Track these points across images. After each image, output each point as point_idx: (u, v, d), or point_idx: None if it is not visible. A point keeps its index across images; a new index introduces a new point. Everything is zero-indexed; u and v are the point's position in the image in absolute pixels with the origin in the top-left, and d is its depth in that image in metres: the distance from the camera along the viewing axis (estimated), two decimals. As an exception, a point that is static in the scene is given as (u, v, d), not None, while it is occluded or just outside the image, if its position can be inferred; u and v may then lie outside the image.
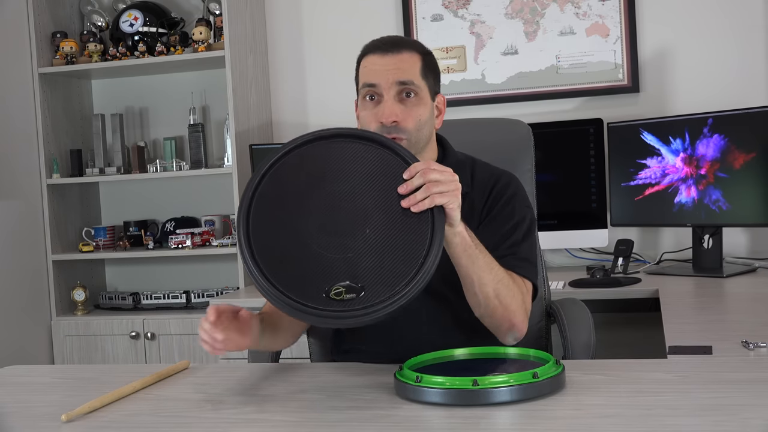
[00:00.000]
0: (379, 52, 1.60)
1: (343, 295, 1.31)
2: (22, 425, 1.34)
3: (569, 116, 3.12)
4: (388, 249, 1.33)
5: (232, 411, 1.35)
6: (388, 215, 1.35)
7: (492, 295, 1.47)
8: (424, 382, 1.28)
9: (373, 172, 1.38)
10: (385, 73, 1.57)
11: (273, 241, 1.36)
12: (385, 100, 1.57)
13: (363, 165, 1.39)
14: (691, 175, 2.75)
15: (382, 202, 1.36)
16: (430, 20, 3.28)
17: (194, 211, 3.53)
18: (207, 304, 3.20)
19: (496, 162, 1.75)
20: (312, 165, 1.40)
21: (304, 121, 3.44)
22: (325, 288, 1.31)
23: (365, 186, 1.37)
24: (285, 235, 1.36)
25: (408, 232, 1.34)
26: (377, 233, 1.34)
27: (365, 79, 1.59)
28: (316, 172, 1.39)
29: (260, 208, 1.38)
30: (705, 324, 1.99)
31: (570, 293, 2.56)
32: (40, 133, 3.34)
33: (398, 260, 1.32)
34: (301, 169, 1.40)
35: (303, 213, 1.37)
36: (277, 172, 1.41)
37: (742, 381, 1.33)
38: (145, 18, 3.31)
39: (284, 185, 1.39)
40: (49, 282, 3.36)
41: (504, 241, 1.59)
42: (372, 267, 1.32)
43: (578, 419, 1.20)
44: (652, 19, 3.10)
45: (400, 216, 1.35)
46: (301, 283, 1.32)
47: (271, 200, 1.39)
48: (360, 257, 1.33)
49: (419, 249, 1.33)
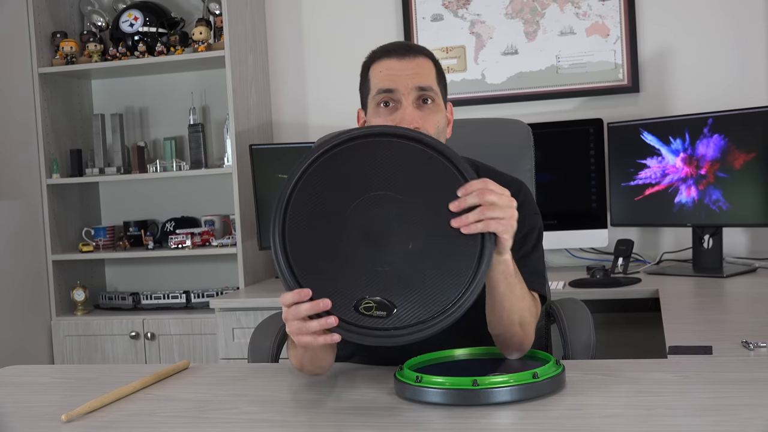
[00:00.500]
0: (395, 56, 1.53)
1: (373, 311, 1.25)
2: (22, 425, 1.34)
3: (569, 116, 3.12)
4: (429, 270, 1.26)
5: (231, 411, 1.34)
6: (435, 231, 1.26)
7: (517, 322, 1.42)
8: (424, 382, 1.28)
9: (423, 180, 1.28)
10: (404, 78, 1.50)
11: (308, 243, 1.28)
12: (404, 106, 1.50)
13: (413, 170, 1.29)
14: (691, 175, 2.75)
15: (429, 215, 1.27)
16: (430, 20, 3.28)
17: (194, 211, 3.53)
18: (207, 304, 3.20)
19: (496, 162, 1.75)
20: (357, 165, 1.30)
21: (304, 121, 3.44)
22: (354, 300, 1.26)
23: (413, 194, 1.28)
24: (322, 238, 1.28)
25: (453, 255, 1.26)
26: (420, 250, 1.26)
27: (381, 85, 1.51)
28: (361, 172, 1.30)
29: (298, 206, 1.30)
30: (705, 324, 1.99)
31: (570, 293, 2.56)
32: (40, 133, 3.34)
33: (437, 285, 1.25)
34: (345, 168, 1.30)
35: (344, 217, 1.29)
36: (321, 168, 1.31)
37: (742, 381, 1.33)
38: (145, 18, 3.31)
39: (326, 184, 1.30)
40: (49, 282, 3.36)
41: (514, 253, 1.57)
42: (408, 286, 1.26)
43: (578, 419, 1.20)
44: (652, 19, 3.10)
45: (447, 234, 1.26)
46: (332, 291, 1.25)
47: (310, 199, 1.30)
48: (397, 273, 1.26)
49: (462, 276, 1.25)
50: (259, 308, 2.82)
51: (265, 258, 3.34)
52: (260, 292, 3.01)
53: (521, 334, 1.44)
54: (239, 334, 2.85)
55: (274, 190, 3.10)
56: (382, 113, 1.52)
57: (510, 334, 1.44)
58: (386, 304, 1.26)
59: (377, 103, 1.53)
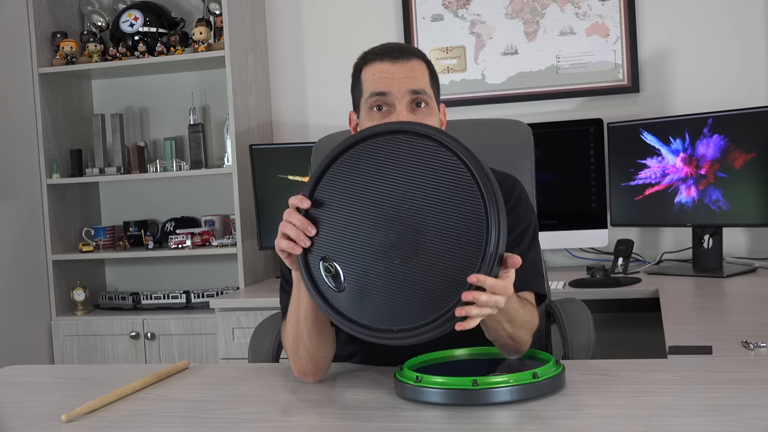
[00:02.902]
0: (387, 59, 1.51)
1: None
2: (22, 425, 1.34)
3: (569, 116, 3.12)
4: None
5: (232, 411, 1.34)
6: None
7: (508, 337, 1.41)
8: (424, 382, 1.28)
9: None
10: (398, 81, 1.49)
11: (335, 200, 1.31)
12: (398, 110, 1.48)
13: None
14: (691, 175, 2.75)
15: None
16: (430, 20, 3.28)
17: (194, 211, 3.53)
18: (207, 304, 3.20)
19: (496, 162, 1.74)
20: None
21: (304, 121, 3.44)
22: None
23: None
24: (346, 207, 1.30)
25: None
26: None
27: (374, 88, 1.50)
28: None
29: (336, 174, 1.32)
30: (705, 324, 1.99)
31: (570, 293, 2.56)
32: (40, 133, 3.34)
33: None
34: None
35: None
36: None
37: (742, 381, 1.33)
38: (145, 18, 3.31)
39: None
40: (49, 282, 3.37)
41: (510, 251, 1.56)
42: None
43: (578, 419, 1.20)
44: (652, 19, 3.10)
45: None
46: (335, 244, 1.27)
47: (347, 173, 1.31)
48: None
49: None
50: (259, 308, 2.82)
51: (265, 258, 3.35)
52: (260, 292, 3.01)
53: (515, 346, 1.44)
54: (239, 334, 2.85)
55: (274, 190, 3.11)
56: (375, 117, 1.51)
57: (502, 344, 1.44)
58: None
59: (370, 106, 1.52)
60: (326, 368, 1.50)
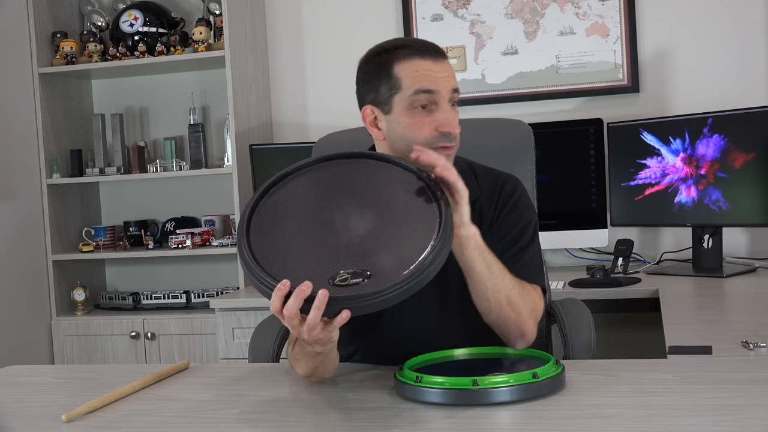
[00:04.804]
0: (430, 57, 1.52)
1: (348, 281, 1.25)
2: (22, 425, 1.34)
3: (569, 116, 3.12)
4: (396, 235, 1.30)
5: (232, 411, 1.34)
6: (393, 209, 1.33)
7: (504, 302, 1.44)
8: (424, 382, 1.28)
9: (379, 185, 1.36)
10: (443, 80, 1.50)
11: (273, 243, 1.33)
12: (444, 108, 1.50)
13: (372, 180, 1.37)
14: (691, 175, 2.75)
15: (387, 199, 1.34)
16: (430, 20, 3.28)
17: (194, 211, 3.53)
18: (207, 304, 3.20)
19: (496, 162, 1.74)
20: (320, 183, 1.39)
21: (304, 121, 3.44)
22: (329, 276, 1.26)
23: (374, 193, 1.36)
24: (285, 237, 1.34)
25: (414, 218, 1.31)
26: (382, 226, 1.31)
27: (422, 85, 1.49)
28: (324, 188, 1.38)
29: (261, 217, 1.37)
30: (705, 324, 1.99)
31: (570, 293, 2.56)
32: (40, 133, 3.34)
33: (406, 245, 1.28)
34: (310, 184, 1.39)
35: (308, 217, 1.35)
36: (285, 187, 1.39)
37: (742, 381, 1.33)
38: (145, 18, 3.31)
39: (294, 192, 1.38)
40: (49, 282, 3.37)
41: (511, 247, 1.57)
42: (377, 252, 1.28)
43: (578, 419, 1.20)
44: (652, 19, 3.10)
45: (405, 207, 1.33)
46: (305, 275, 1.26)
47: (273, 210, 1.37)
48: (364, 245, 1.29)
49: (429, 231, 1.29)
50: (259, 308, 2.82)
51: (265, 258, 3.34)
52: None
53: (514, 317, 1.46)
54: (239, 334, 2.85)
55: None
56: (419, 114, 1.50)
57: (503, 318, 1.46)
58: (359, 272, 1.26)
59: (413, 104, 1.50)
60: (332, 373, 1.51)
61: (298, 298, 1.23)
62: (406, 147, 1.47)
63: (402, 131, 1.50)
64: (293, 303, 1.23)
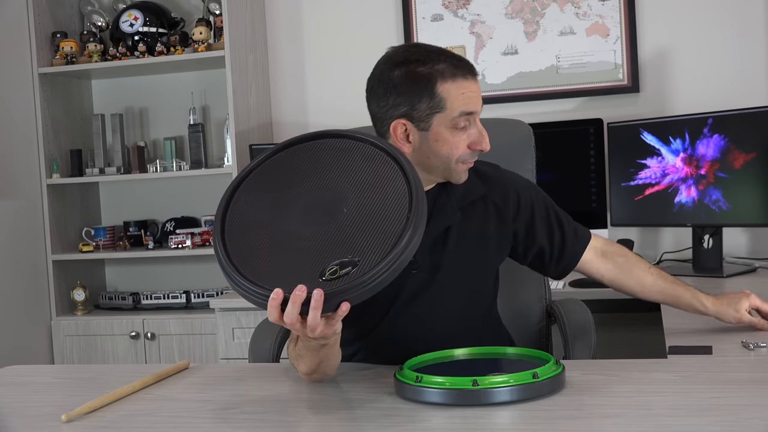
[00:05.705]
0: (471, 77, 1.53)
1: (338, 273, 1.24)
2: (22, 425, 1.34)
3: (569, 116, 3.12)
4: (371, 218, 1.30)
5: (232, 411, 1.34)
6: (364, 191, 1.33)
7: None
8: (424, 382, 1.28)
9: (346, 162, 1.37)
10: (478, 99, 1.54)
11: (253, 245, 1.31)
12: (479, 127, 1.54)
13: (336, 158, 1.38)
14: (691, 175, 2.75)
15: (355, 182, 1.34)
16: (430, 20, 3.28)
17: (194, 211, 3.53)
18: (207, 304, 3.20)
19: (497, 162, 1.74)
20: (285, 170, 1.39)
21: (304, 121, 3.44)
22: (318, 272, 1.25)
23: (340, 174, 1.36)
24: (265, 237, 1.32)
25: (386, 198, 1.31)
26: (356, 209, 1.31)
27: (466, 107, 1.51)
28: (290, 174, 1.38)
29: (236, 214, 1.36)
30: (705, 324, 1.99)
31: (570, 293, 2.56)
32: (40, 133, 3.34)
33: (383, 223, 1.28)
34: (275, 175, 1.39)
35: (281, 213, 1.34)
36: (253, 180, 1.39)
37: (742, 381, 1.33)
38: (145, 18, 3.31)
39: (261, 189, 1.38)
40: (49, 282, 3.37)
41: (566, 230, 1.70)
42: (359, 238, 1.28)
43: (578, 419, 1.20)
44: (652, 19, 3.10)
45: (374, 189, 1.33)
46: (294, 277, 1.25)
47: (247, 205, 1.36)
48: (345, 234, 1.29)
49: (402, 203, 1.29)
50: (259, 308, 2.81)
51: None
52: (260, 292, 3.00)
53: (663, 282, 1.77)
54: (239, 334, 2.85)
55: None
56: (458, 134, 1.52)
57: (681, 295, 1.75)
58: (346, 261, 1.25)
59: (456, 125, 1.51)
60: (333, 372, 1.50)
61: (295, 305, 1.21)
62: (439, 162, 1.52)
63: (438, 149, 1.52)
64: (292, 310, 1.22)
